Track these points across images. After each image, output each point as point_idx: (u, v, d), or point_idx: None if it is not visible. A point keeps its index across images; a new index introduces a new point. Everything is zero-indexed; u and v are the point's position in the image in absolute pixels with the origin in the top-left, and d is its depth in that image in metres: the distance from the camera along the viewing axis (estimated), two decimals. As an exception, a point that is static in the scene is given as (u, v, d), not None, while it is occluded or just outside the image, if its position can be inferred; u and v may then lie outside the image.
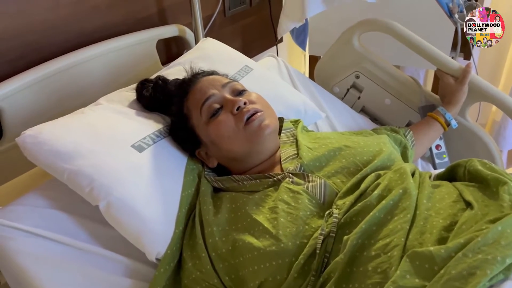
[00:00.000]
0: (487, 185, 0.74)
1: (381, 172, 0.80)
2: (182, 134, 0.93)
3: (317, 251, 0.69)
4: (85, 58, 1.16)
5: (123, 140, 0.87)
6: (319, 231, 0.71)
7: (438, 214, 0.70)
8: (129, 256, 0.83)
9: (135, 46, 1.28)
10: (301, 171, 0.83)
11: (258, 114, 0.86)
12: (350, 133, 1.03)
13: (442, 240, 0.65)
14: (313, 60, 2.06)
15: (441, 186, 0.77)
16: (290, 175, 0.82)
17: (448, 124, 1.16)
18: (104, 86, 1.19)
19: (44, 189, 0.86)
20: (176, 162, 0.90)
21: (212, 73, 0.98)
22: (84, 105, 0.97)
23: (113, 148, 0.84)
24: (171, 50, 1.47)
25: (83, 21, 1.19)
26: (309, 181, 0.81)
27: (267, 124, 0.86)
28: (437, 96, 1.24)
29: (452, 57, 1.47)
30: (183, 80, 0.97)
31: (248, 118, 0.85)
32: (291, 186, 0.79)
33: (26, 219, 0.80)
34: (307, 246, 0.70)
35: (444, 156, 1.25)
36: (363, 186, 0.76)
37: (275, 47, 1.87)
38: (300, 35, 1.63)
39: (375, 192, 0.74)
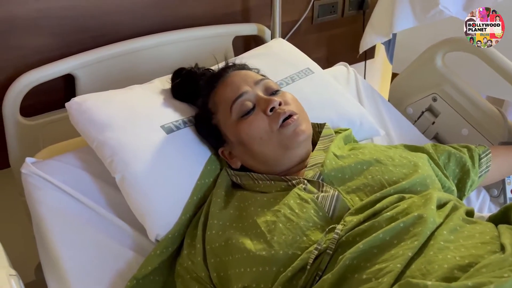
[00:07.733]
0: None
1: (407, 195, 0.70)
2: (206, 129, 0.89)
3: (308, 266, 0.62)
4: (162, 42, 1.21)
5: (156, 119, 0.88)
6: (315, 246, 0.64)
7: (458, 250, 0.58)
8: (140, 231, 0.84)
9: (212, 39, 1.31)
10: (319, 180, 0.76)
11: (294, 117, 0.80)
12: (388, 147, 0.91)
13: (451, 280, 0.53)
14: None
15: (476, 224, 0.65)
16: (305, 181, 0.76)
17: None
18: (174, 72, 1.24)
19: (83, 151, 0.92)
20: (202, 149, 0.89)
21: (243, 67, 0.92)
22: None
23: (142, 125, 0.86)
24: (249, 48, 1.48)
25: (168, 9, 1.24)
26: (321, 191, 0.74)
27: (303, 130, 0.80)
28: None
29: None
30: (212, 73, 0.92)
31: (284, 121, 0.80)
32: (302, 193, 0.73)
33: (57, 174, 0.85)
34: (299, 259, 0.64)
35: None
36: (379, 205, 0.67)
37: (363, 62, 1.78)
38: (387, 51, 1.53)
39: (388, 213, 0.64)
